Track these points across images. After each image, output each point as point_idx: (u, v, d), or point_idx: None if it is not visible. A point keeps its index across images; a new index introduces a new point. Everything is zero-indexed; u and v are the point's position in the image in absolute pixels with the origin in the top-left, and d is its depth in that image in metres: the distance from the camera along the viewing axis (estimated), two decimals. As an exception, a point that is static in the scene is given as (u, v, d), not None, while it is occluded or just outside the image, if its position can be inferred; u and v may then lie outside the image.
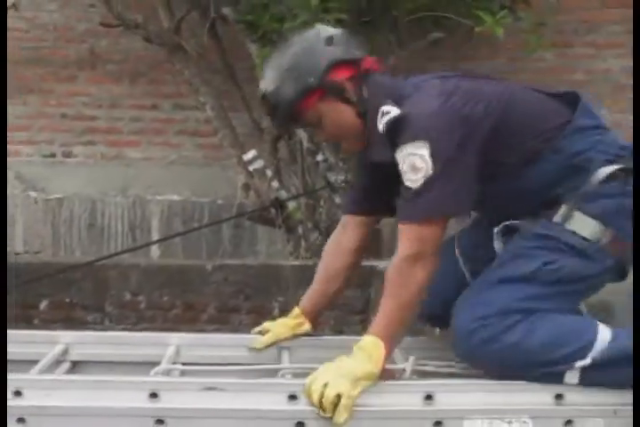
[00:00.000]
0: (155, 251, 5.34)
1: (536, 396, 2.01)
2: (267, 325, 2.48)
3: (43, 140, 5.46)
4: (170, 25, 4.86)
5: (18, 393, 1.92)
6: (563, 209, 2.09)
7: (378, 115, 2.11)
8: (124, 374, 2.20)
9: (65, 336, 2.48)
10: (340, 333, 3.97)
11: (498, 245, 2.23)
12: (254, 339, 2.44)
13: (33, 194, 5.43)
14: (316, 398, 1.91)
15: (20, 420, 1.91)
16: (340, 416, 1.92)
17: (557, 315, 2.06)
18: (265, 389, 1.98)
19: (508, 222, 2.20)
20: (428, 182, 2.02)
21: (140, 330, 4.12)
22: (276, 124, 2.32)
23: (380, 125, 2.10)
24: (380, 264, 3.97)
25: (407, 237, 2.06)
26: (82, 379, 2.04)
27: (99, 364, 2.42)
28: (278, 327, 2.46)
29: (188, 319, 4.36)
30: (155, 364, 2.22)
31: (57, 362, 2.36)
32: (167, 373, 2.20)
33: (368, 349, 1.99)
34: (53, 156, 5.47)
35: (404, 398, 1.99)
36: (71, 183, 5.41)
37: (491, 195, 2.15)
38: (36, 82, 5.42)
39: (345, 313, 4.23)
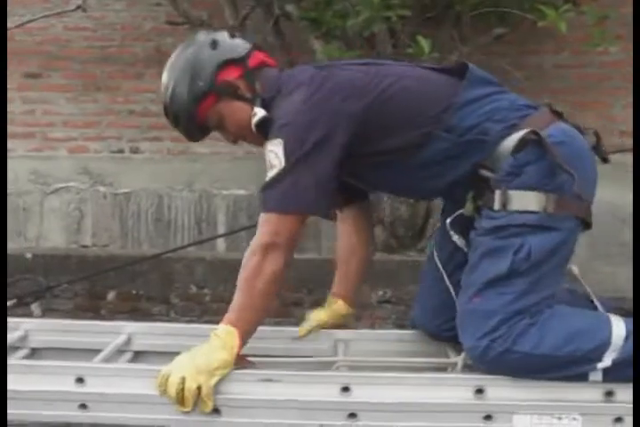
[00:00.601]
0: (220, 245, 5.40)
1: (586, 393, 1.99)
2: (306, 314, 2.52)
3: (111, 137, 5.55)
4: (234, 22, 4.90)
5: (80, 380, 1.97)
6: (497, 194, 2.04)
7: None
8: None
9: (128, 327, 2.52)
10: (402, 327, 3.98)
11: (458, 240, 2.22)
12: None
13: (102, 189, 5.53)
14: (173, 391, 1.91)
15: (82, 406, 1.97)
16: (206, 406, 1.93)
17: (567, 313, 2.03)
18: (318, 380, 2.00)
19: (452, 217, 2.20)
20: (278, 177, 2.03)
21: (205, 322, 4.18)
22: (183, 134, 2.34)
23: (252, 127, 2.16)
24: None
25: (261, 227, 2.06)
26: (142, 368, 2.08)
27: (160, 354, 2.43)
28: (315, 314, 2.50)
29: (251, 313, 4.41)
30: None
31: (119, 352, 2.40)
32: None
33: (222, 337, 1.98)
34: (121, 151, 5.55)
35: (455, 391, 1.99)
36: (138, 178, 5.49)
37: (396, 179, 2.16)
38: (103, 80, 5.51)
39: (407, 308, 4.23)
